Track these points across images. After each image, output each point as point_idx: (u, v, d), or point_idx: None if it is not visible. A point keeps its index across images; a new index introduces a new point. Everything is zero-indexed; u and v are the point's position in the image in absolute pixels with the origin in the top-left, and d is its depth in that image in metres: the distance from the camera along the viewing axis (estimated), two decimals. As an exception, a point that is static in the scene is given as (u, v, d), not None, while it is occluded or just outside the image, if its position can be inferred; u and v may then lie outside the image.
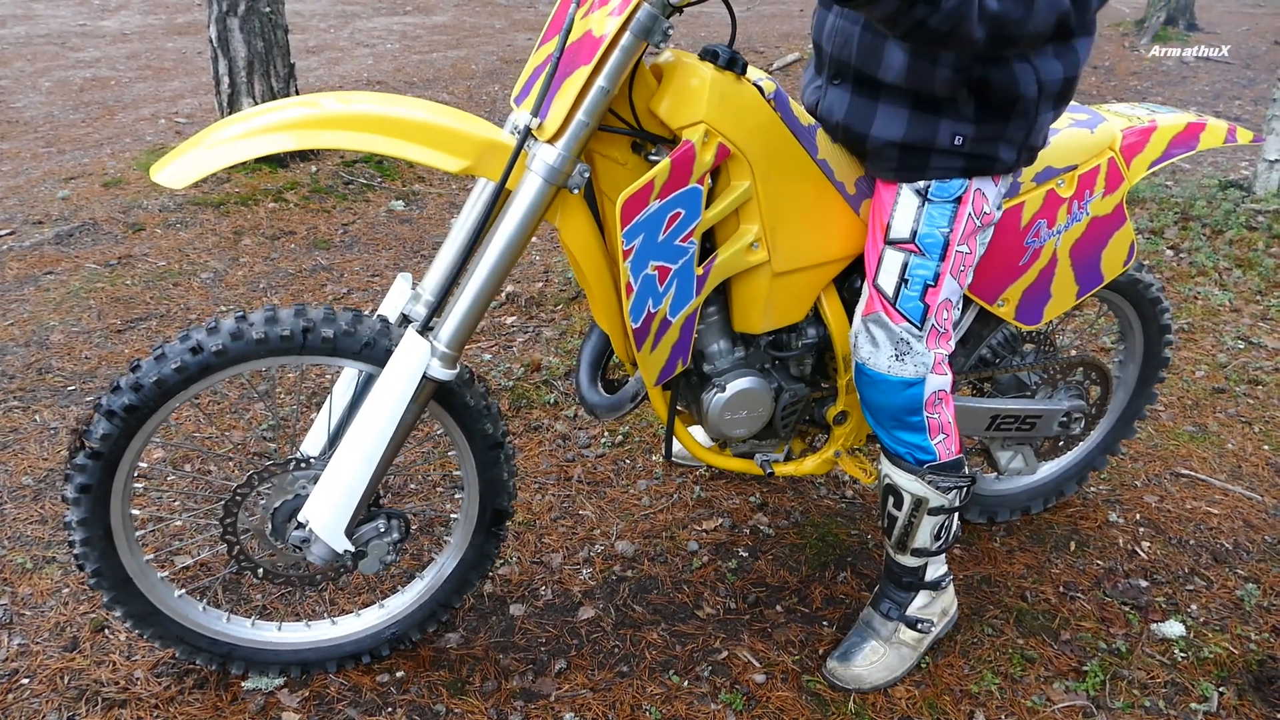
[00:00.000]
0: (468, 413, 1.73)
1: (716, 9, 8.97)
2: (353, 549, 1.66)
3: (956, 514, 1.84)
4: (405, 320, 1.74)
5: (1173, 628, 2.06)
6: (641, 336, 1.67)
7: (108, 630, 1.94)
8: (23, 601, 2.01)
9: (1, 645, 1.90)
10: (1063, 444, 2.28)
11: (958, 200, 1.68)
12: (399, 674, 1.88)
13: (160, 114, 5.82)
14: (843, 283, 1.87)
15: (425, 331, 1.61)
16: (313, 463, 1.70)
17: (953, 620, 1.99)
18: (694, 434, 2.16)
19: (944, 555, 1.93)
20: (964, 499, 1.82)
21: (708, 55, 1.58)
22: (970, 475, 1.83)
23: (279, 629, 1.85)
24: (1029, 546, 2.32)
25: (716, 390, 1.82)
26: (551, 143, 1.51)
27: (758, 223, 1.68)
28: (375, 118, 1.49)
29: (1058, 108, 1.69)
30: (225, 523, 1.69)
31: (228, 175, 4.45)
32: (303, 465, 1.69)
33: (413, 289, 1.77)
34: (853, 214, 1.78)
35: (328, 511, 1.60)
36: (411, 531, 2.08)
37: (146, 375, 1.55)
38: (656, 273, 1.62)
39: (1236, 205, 4.35)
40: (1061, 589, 2.17)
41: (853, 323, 1.78)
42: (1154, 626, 2.07)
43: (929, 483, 1.77)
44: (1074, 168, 1.92)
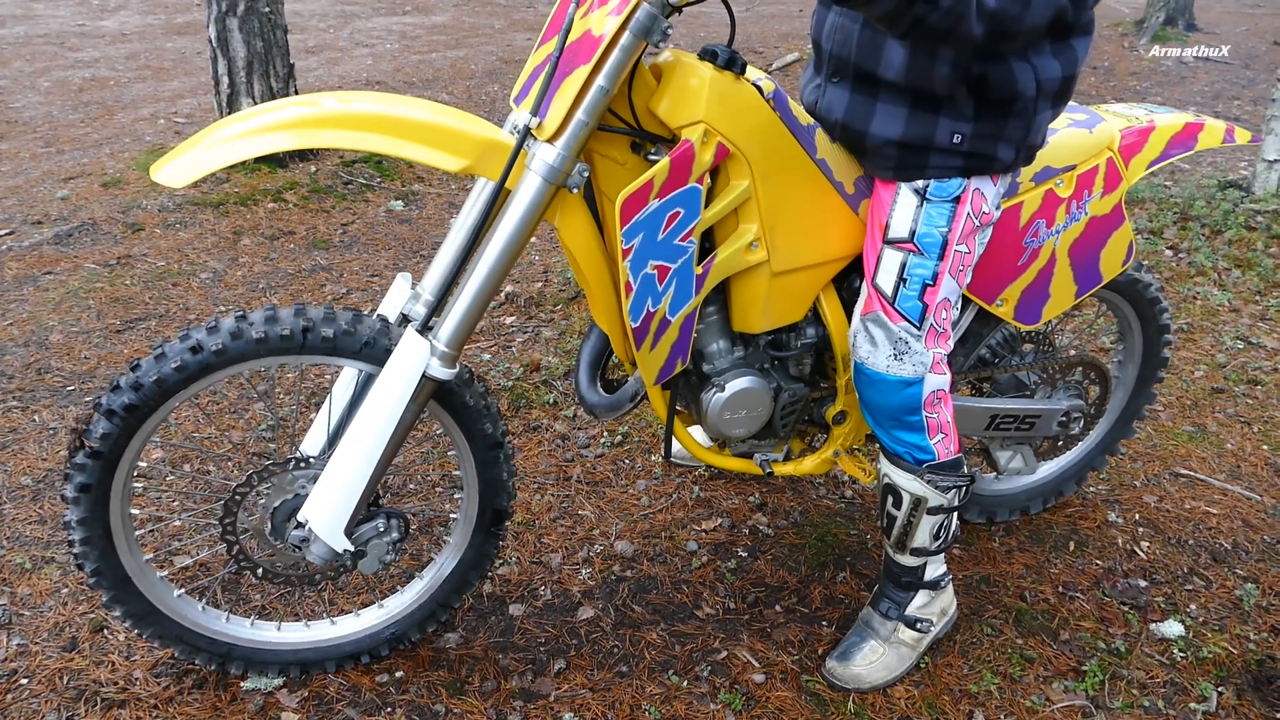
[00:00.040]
0: (467, 412, 1.73)
1: (716, 9, 8.97)
2: (352, 548, 1.66)
3: (955, 513, 1.85)
4: (405, 320, 1.74)
5: (1172, 627, 2.06)
6: (641, 336, 1.67)
7: (107, 630, 1.94)
8: (22, 602, 2.01)
9: (1, 645, 1.90)
10: (1062, 444, 2.28)
11: (956, 200, 1.68)
12: (398, 674, 1.88)
13: (159, 114, 5.82)
14: (842, 282, 1.87)
15: (425, 331, 1.61)
16: (312, 462, 1.70)
17: (952, 620, 1.99)
18: (693, 434, 2.16)
19: (943, 555, 1.93)
20: (963, 498, 1.82)
21: (707, 55, 1.59)
22: (969, 475, 1.83)
23: (278, 629, 1.85)
24: (1028, 546, 2.32)
25: (716, 390, 1.82)
26: (551, 142, 1.52)
27: (757, 222, 1.68)
28: (375, 117, 1.49)
29: (1056, 107, 1.70)
30: (225, 522, 1.69)
31: (227, 175, 4.45)
32: (302, 465, 1.69)
33: (412, 289, 1.77)
34: (851, 214, 1.78)
35: (327, 511, 1.60)
36: (411, 531, 2.09)
37: (146, 374, 1.55)
38: (656, 272, 1.62)
39: (1235, 205, 4.36)
40: (1061, 589, 2.17)
41: (851, 322, 1.78)
42: (1153, 626, 2.07)
43: (928, 482, 1.77)
44: (1072, 168, 1.92)
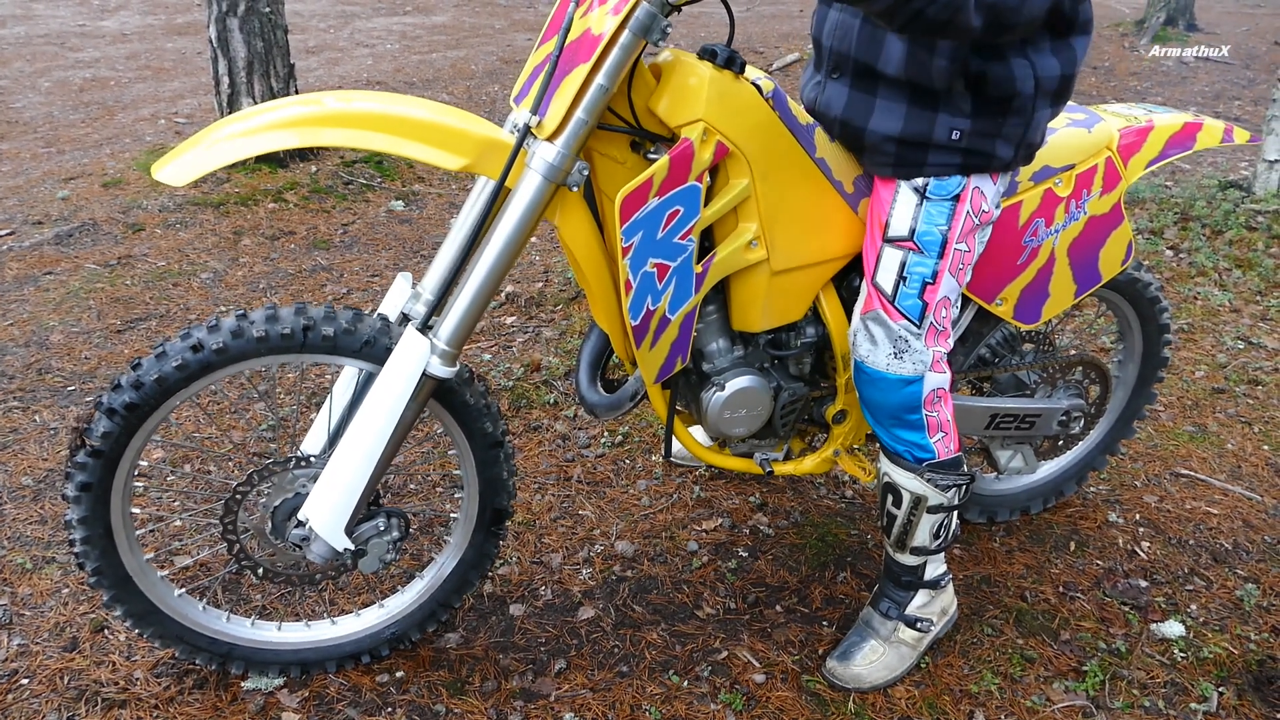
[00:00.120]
0: (467, 411, 1.73)
1: (716, 9, 8.97)
2: (352, 547, 1.66)
3: (955, 512, 1.85)
4: (405, 319, 1.74)
5: (1172, 628, 2.06)
6: (640, 334, 1.67)
7: (107, 630, 1.94)
8: (22, 602, 2.01)
9: (1, 645, 1.90)
10: (1062, 443, 2.28)
11: (956, 198, 1.68)
12: (399, 674, 1.88)
13: (160, 114, 5.82)
14: (841, 281, 1.87)
15: (425, 329, 1.61)
16: (313, 461, 1.70)
17: (952, 619, 1.99)
18: (693, 433, 2.16)
19: (943, 554, 1.93)
20: (963, 497, 1.82)
21: (706, 54, 1.59)
22: (969, 473, 1.83)
23: (279, 629, 1.85)
24: (1028, 546, 2.32)
25: (715, 389, 1.82)
26: (551, 140, 1.52)
27: (756, 221, 1.68)
28: (375, 116, 1.49)
29: (1055, 106, 1.70)
30: (225, 521, 1.69)
31: (227, 175, 4.45)
32: (303, 464, 1.69)
33: (412, 288, 1.77)
34: (851, 212, 1.78)
35: (328, 510, 1.60)
36: (411, 531, 2.08)
37: (147, 373, 1.55)
38: (655, 270, 1.62)
39: (1236, 205, 4.35)
40: (1061, 589, 2.17)
41: (851, 321, 1.78)
42: (1153, 626, 2.07)
43: (928, 481, 1.77)
44: (1071, 167, 1.92)
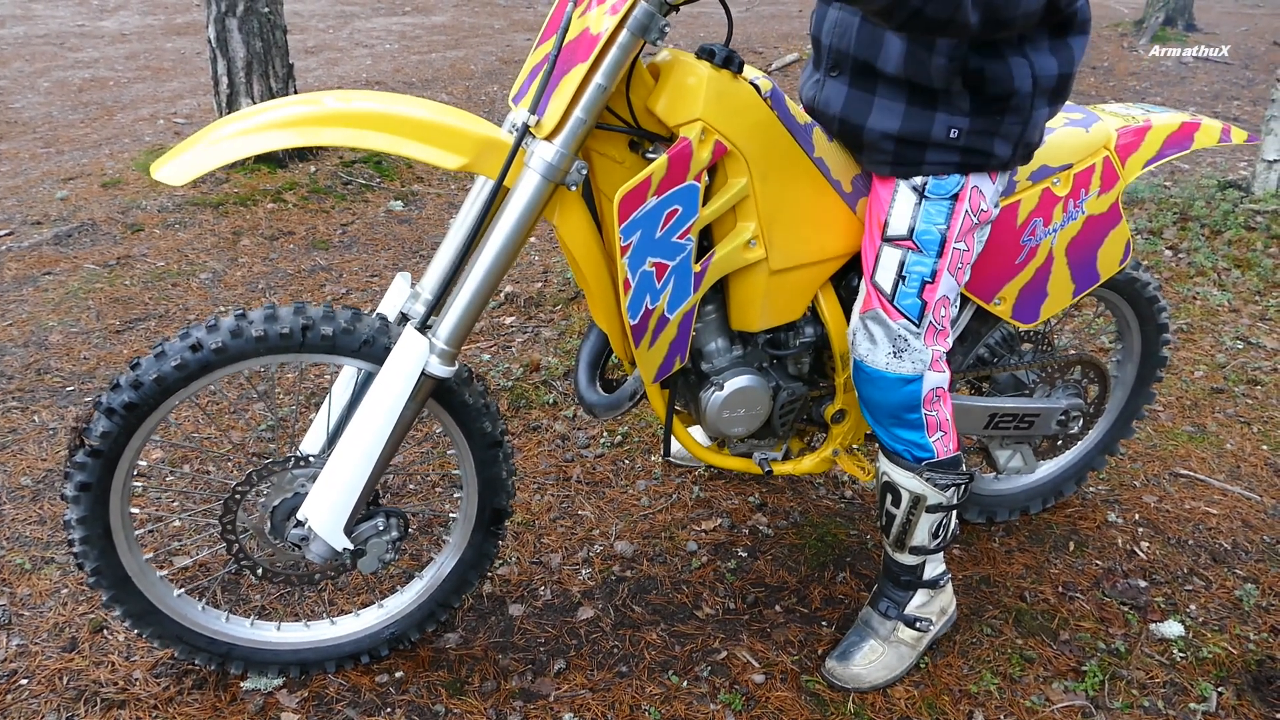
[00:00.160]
0: (466, 411, 1.73)
1: (714, 9, 8.97)
2: (352, 547, 1.66)
3: (954, 512, 1.85)
4: (404, 319, 1.74)
5: (1171, 628, 2.06)
6: (639, 333, 1.67)
7: (106, 631, 1.94)
8: (21, 602, 2.01)
9: (0, 645, 1.90)
10: (1061, 443, 2.28)
11: (955, 197, 1.69)
12: (398, 674, 1.88)
13: (159, 114, 5.82)
14: (840, 281, 1.87)
15: (424, 329, 1.61)
16: (312, 461, 1.69)
17: (951, 619, 1.99)
18: (693, 433, 2.16)
19: (942, 554, 1.93)
20: (962, 496, 1.82)
21: (704, 54, 1.59)
22: (968, 473, 1.83)
23: (278, 629, 1.85)
24: (1028, 547, 2.32)
25: (714, 388, 1.82)
26: (549, 140, 1.52)
27: (755, 220, 1.68)
28: (374, 115, 1.49)
29: (1053, 105, 1.70)
30: (224, 521, 1.69)
31: (226, 175, 4.45)
32: (302, 463, 1.69)
33: (411, 288, 1.77)
34: (849, 212, 1.78)
35: (327, 509, 1.60)
36: (410, 531, 2.08)
37: (146, 373, 1.55)
38: (654, 269, 1.62)
39: (1235, 205, 4.36)
40: (1060, 589, 2.17)
41: (850, 320, 1.78)
42: (1153, 626, 2.07)
43: (927, 480, 1.77)
44: (1069, 166, 1.92)
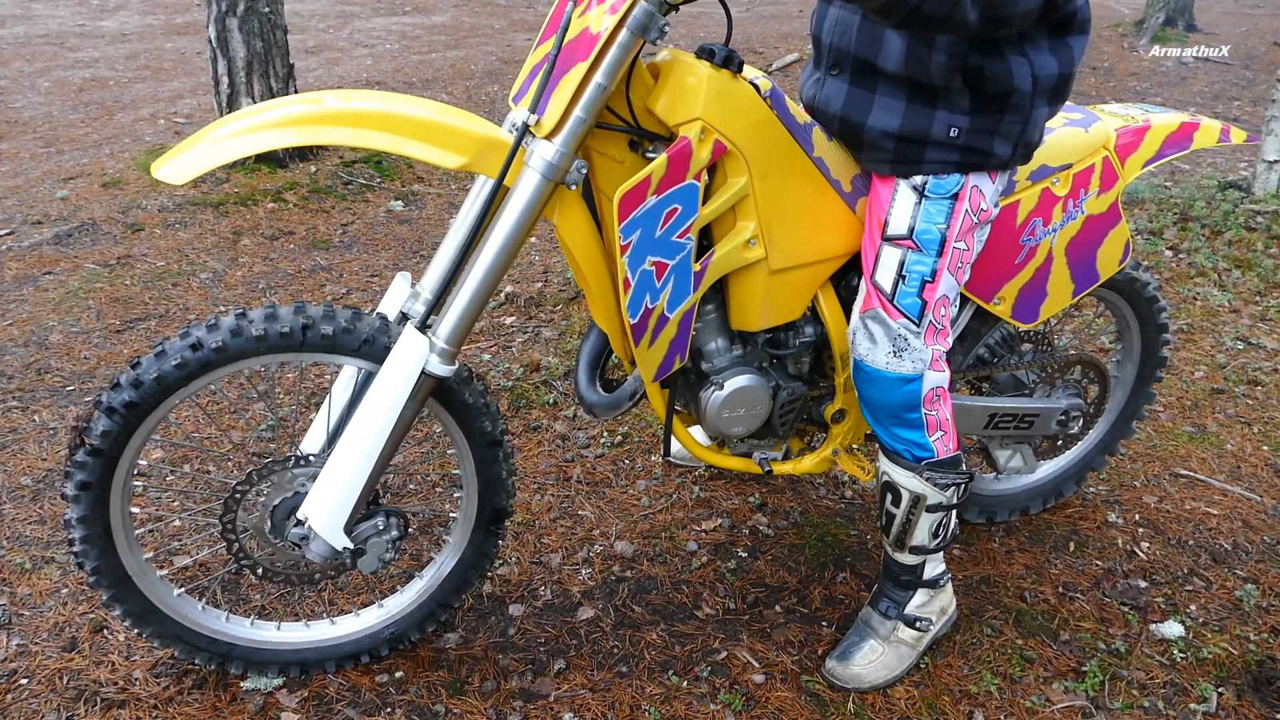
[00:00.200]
0: (466, 410, 1.73)
1: (714, 9, 8.97)
2: (352, 546, 1.66)
3: (954, 511, 1.84)
4: (404, 318, 1.74)
5: (1172, 628, 2.06)
6: (639, 332, 1.67)
7: (106, 630, 1.94)
8: (21, 602, 2.01)
9: (0, 645, 1.90)
10: (1061, 443, 2.28)
11: (954, 196, 1.69)
12: (398, 674, 1.88)
13: (159, 114, 5.82)
14: (839, 280, 1.87)
15: (424, 328, 1.61)
16: (312, 460, 1.69)
17: (951, 619, 1.99)
18: (693, 433, 2.16)
19: (942, 553, 1.93)
20: (962, 496, 1.82)
21: (704, 54, 1.59)
22: (968, 472, 1.83)
23: (278, 629, 1.85)
24: (1028, 547, 2.32)
25: (714, 388, 1.82)
26: (549, 139, 1.52)
27: (754, 219, 1.68)
28: (375, 114, 1.49)
29: (1052, 105, 1.70)
30: (224, 520, 1.69)
31: (226, 175, 4.45)
32: (302, 463, 1.69)
33: (411, 287, 1.77)
34: (849, 211, 1.78)
35: (327, 509, 1.60)
36: (410, 530, 2.08)
37: (147, 372, 1.55)
38: (654, 268, 1.62)
39: (1235, 206, 4.36)
40: (1061, 589, 2.17)
41: (850, 320, 1.78)
42: (1153, 627, 2.07)
43: (927, 479, 1.77)
44: (1069, 166, 1.92)
